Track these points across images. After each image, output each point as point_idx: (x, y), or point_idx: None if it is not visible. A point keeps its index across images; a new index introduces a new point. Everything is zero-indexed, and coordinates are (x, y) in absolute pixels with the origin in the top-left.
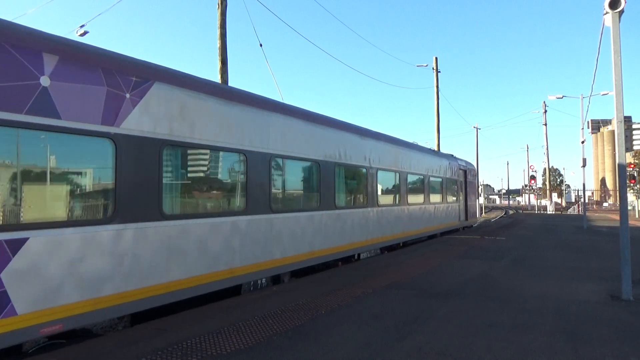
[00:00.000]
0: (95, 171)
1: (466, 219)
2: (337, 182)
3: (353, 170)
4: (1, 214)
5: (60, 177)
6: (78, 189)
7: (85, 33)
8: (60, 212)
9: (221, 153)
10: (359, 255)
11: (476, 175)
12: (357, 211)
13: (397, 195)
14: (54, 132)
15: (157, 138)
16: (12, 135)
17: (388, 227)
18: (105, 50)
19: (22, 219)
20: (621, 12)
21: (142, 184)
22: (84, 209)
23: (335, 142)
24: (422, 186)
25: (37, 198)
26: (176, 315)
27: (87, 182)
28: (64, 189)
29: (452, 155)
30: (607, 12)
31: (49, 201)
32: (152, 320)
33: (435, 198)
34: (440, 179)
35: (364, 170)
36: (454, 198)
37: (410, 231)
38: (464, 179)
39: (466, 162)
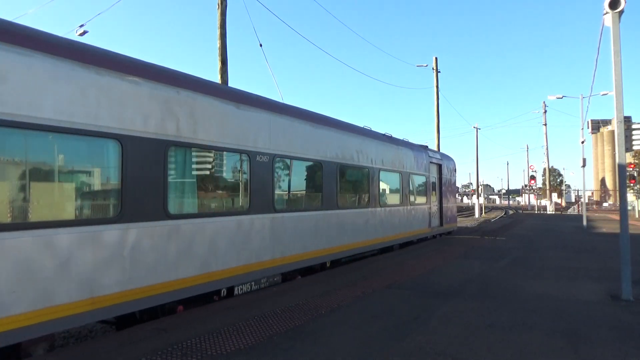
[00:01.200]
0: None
1: (441, 224)
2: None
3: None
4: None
5: None
6: None
7: (84, 33)
8: None
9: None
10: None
11: (454, 171)
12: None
13: (317, 196)
14: None
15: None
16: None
17: (297, 241)
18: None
19: None
20: (621, 12)
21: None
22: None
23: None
24: (365, 183)
25: None
26: (176, 315)
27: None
28: None
29: (422, 146)
30: (607, 12)
31: None
32: (152, 320)
33: (391, 199)
34: (398, 174)
35: (247, 156)
36: (423, 199)
37: (343, 245)
38: (438, 176)
39: (442, 154)
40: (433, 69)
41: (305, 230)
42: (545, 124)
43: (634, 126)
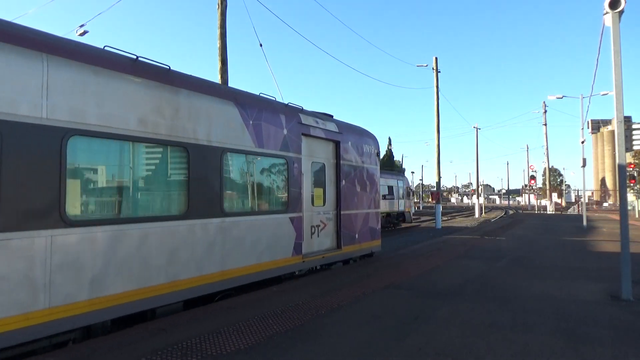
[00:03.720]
0: None
1: (338, 245)
2: None
3: None
4: None
5: None
6: None
7: (85, 33)
8: None
9: None
10: None
11: (375, 155)
12: None
13: None
14: None
15: None
16: None
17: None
18: None
19: None
20: (621, 12)
21: None
22: None
23: None
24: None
25: None
26: (176, 315)
27: None
28: None
29: (291, 108)
30: (607, 12)
31: None
32: (152, 320)
33: (170, 204)
34: (197, 154)
35: None
36: (281, 200)
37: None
38: (335, 160)
39: (347, 126)
40: (433, 69)
41: None
42: (545, 124)
43: (634, 126)
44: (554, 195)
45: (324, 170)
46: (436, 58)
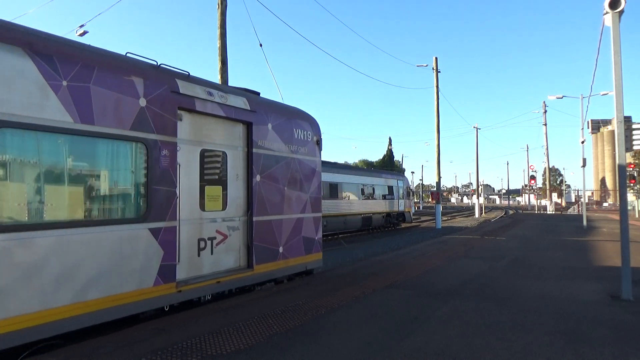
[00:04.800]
0: None
1: (250, 263)
2: None
3: None
4: None
5: None
6: None
7: (84, 33)
8: None
9: None
10: None
11: (315, 143)
12: None
13: None
14: None
15: None
16: None
17: None
18: None
19: None
20: (621, 12)
21: None
22: None
23: None
24: None
25: None
26: (176, 315)
27: None
28: None
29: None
30: (607, 12)
31: None
32: (152, 320)
33: None
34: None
35: None
36: (133, 203)
37: None
38: (246, 145)
39: (269, 102)
40: (433, 69)
41: None
42: (545, 124)
43: (634, 126)
44: (554, 195)
45: (225, 162)
46: (436, 58)
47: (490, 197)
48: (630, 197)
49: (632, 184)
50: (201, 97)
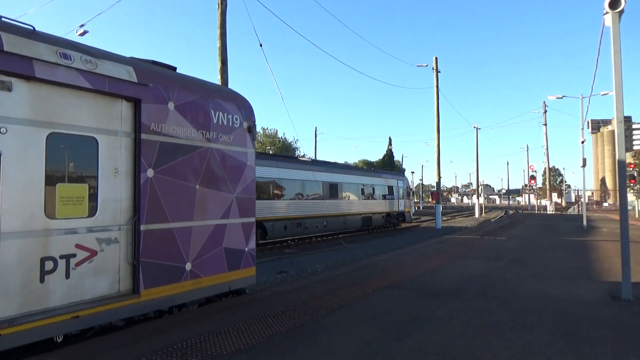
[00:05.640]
0: None
1: (135, 288)
2: None
3: None
4: None
5: None
6: None
7: (84, 33)
8: None
9: None
10: None
11: (245, 129)
12: None
13: None
14: None
15: None
16: None
17: None
18: None
19: None
20: (621, 12)
21: None
22: None
23: None
24: None
25: None
26: (176, 315)
27: None
28: None
29: None
30: (607, 12)
31: None
32: (152, 320)
33: None
34: None
35: None
36: None
37: None
38: (134, 130)
39: (176, 75)
40: (433, 69)
41: None
42: (545, 124)
43: (634, 126)
44: (554, 195)
45: (95, 151)
46: (436, 58)
47: (490, 197)
48: (630, 197)
49: (632, 184)
50: (47, 59)
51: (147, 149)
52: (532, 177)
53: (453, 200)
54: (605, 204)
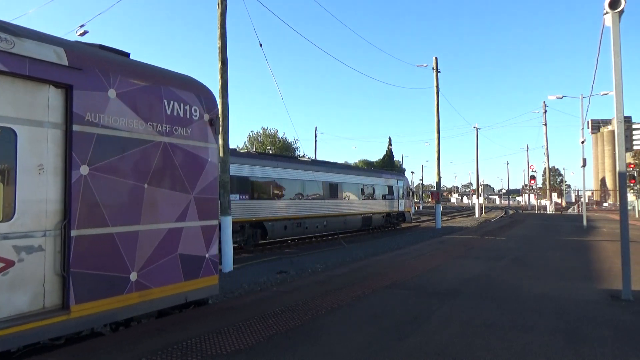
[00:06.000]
0: None
1: (65, 303)
2: None
3: None
4: None
5: None
6: None
7: (85, 33)
8: None
9: None
10: None
11: (206, 121)
12: None
13: None
14: None
15: None
16: None
17: None
18: None
19: None
20: (621, 12)
21: None
22: None
23: None
24: None
25: None
26: (176, 315)
27: None
28: None
29: None
30: (607, 12)
31: None
32: (152, 320)
33: None
34: None
35: None
36: None
37: None
38: (65, 121)
39: (120, 59)
40: (433, 69)
41: None
42: (545, 124)
43: (634, 126)
44: (554, 195)
45: (13, 145)
46: (436, 58)
47: (490, 197)
48: (630, 197)
49: (632, 184)
50: None
51: (80, 142)
52: (532, 177)
53: (453, 200)
54: (605, 204)
